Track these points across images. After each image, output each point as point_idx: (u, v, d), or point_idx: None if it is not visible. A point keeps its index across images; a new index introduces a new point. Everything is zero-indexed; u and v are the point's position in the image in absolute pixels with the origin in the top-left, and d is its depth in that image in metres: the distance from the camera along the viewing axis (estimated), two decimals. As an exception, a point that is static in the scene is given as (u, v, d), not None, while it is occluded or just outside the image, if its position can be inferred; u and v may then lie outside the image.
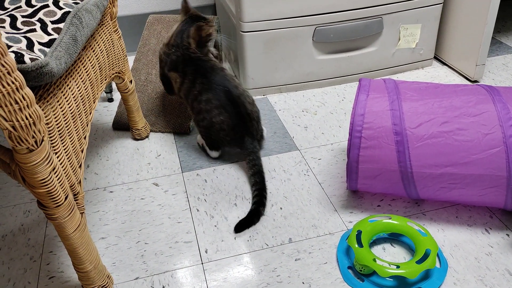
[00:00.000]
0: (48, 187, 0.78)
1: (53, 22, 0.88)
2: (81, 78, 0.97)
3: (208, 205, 1.22)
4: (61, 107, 0.85)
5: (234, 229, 1.13)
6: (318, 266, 1.03)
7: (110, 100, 1.73)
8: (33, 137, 0.73)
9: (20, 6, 0.91)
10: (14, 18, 0.87)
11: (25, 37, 0.81)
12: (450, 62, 1.84)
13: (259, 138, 1.35)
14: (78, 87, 0.94)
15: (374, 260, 0.96)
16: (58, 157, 0.82)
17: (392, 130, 1.05)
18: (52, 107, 0.82)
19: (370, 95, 1.10)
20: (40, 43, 0.81)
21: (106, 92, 1.72)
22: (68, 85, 0.90)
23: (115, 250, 1.10)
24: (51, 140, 0.80)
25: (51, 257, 1.10)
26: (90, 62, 1.03)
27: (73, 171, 0.87)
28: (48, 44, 0.82)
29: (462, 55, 1.75)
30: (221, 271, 1.03)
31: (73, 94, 0.91)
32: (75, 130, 0.91)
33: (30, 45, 0.79)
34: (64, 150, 0.85)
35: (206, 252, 1.08)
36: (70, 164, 0.86)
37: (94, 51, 1.07)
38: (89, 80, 1.01)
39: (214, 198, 1.24)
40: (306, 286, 0.99)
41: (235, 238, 1.12)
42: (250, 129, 1.29)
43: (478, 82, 1.73)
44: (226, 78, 1.30)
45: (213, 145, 1.36)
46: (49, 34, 0.84)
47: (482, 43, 1.63)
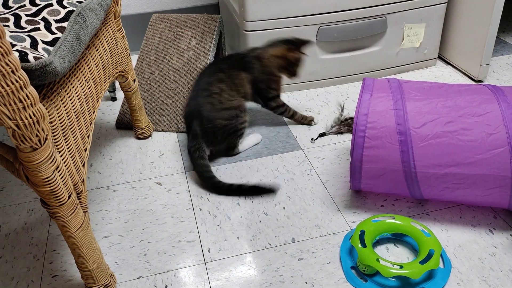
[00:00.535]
0: (51, 186, 0.78)
1: (57, 21, 0.88)
2: (84, 77, 0.97)
3: (211, 204, 1.22)
4: (64, 106, 0.85)
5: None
6: (321, 266, 1.03)
7: (114, 99, 1.73)
8: (36, 135, 0.73)
9: (24, 5, 0.91)
10: (18, 17, 0.87)
11: (29, 36, 0.81)
12: (454, 62, 1.83)
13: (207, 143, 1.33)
14: (81, 86, 0.95)
15: (378, 260, 0.96)
16: (61, 156, 0.82)
17: (395, 129, 1.04)
18: (55, 106, 0.82)
19: (374, 95, 1.09)
20: (44, 42, 0.81)
21: (109, 91, 1.72)
22: (71, 84, 0.90)
23: (118, 249, 1.10)
24: (55, 138, 0.80)
25: (54, 255, 1.10)
26: (94, 61, 1.03)
27: (76, 170, 0.87)
28: (52, 43, 0.82)
29: (467, 55, 1.75)
30: (224, 271, 1.03)
31: (76, 93, 0.92)
32: (79, 129, 0.92)
33: (34, 44, 0.79)
34: (67, 149, 0.85)
35: (209, 251, 1.08)
36: (73, 163, 0.87)
37: (97, 50, 1.07)
38: (92, 79, 1.01)
39: (217, 197, 1.24)
40: (309, 286, 0.99)
41: (238, 237, 1.12)
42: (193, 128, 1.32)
43: (482, 81, 1.73)
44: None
45: None
46: (53, 33, 0.85)
47: (486, 43, 1.63)
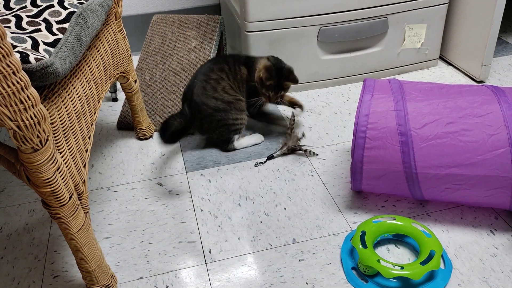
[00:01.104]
0: (52, 187, 0.78)
1: (58, 22, 0.88)
2: (85, 78, 0.97)
3: (212, 205, 1.22)
4: (65, 107, 0.86)
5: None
6: (322, 267, 1.03)
7: (115, 99, 1.73)
8: (37, 136, 0.73)
9: (25, 6, 0.91)
10: (19, 18, 0.87)
11: (30, 37, 0.81)
12: (455, 62, 1.83)
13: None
14: (82, 87, 0.95)
15: (378, 261, 0.96)
16: (62, 156, 0.82)
17: (396, 130, 1.04)
18: (56, 107, 0.82)
19: (375, 96, 1.09)
20: (45, 43, 0.81)
21: (110, 91, 1.72)
22: (72, 85, 0.90)
23: (119, 250, 1.10)
24: (56, 139, 0.81)
25: (56, 256, 1.10)
26: (95, 62, 1.04)
27: (77, 171, 0.88)
28: (53, 44, 0.82)
29: (468, 55, 1.74)
30: (224, 271, 1.04)
31: (77, 94, 0.92)
32: (80, 130, 0.92)
33: (35, 45, 0.79)
34: (68, 149, 0.85)
35: (210, 252, 1.08)
36: (74, 163, 0.87)
37: (98, 51, 1.07)
38: (93, 80, 1.02)
39: (218, 198, 1.24)
40: (310, 286, 0.99)
41: (239, 238, 1.12)
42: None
43: (483, 82, 1.73)
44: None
45: None
46: (54, 34, 0.85)
47: (488, 43, 1.63)
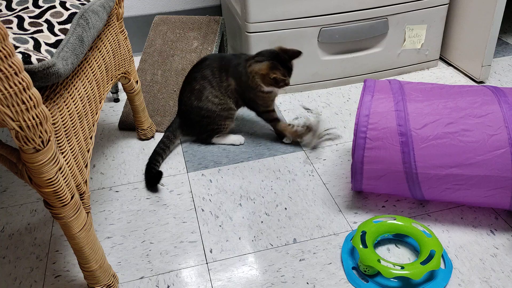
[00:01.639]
0: (54, 187, 0.79)
1: (60, 23, 0.89)
2: (87, 79, 0.97)
3: (213, 205, 1.22)
4: (67, 108, 0.86)
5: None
6: (323, 267, 1.03)
7: (116, 100, 1.74)
8: (39, 137, 0.73)
9: (27, 7, 0.92)
10: (21, 19, 0.87)
11: (32, 38, 0.81)
12: (455, 63, 1.83)
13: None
14: (84, 88, 0.95)
15: (379, 261, 0.96)
16: (64, 157, 0.82)
17: (397, 131, 1.04)
18: (58, 108, 0.83)
19: (375, 96, 1.10)
20: (47, 44, 0.81)
21: (112, 92, 1.73)
22: (74, 85, 0.91)
23: (121, 250, 1.11)
24: (58, 140, 0.81)
25: (57, 256, 1.10)
26: (97, 63, 1.04)
27: (79, 171, 0.88)
28: (55, 44, 0.83)
29: (468, 56, 1.75)
30: (225, 271, 1.04)
31: (79, 94, 0.92)
32: (81, 130, 0.92)
33: (37, 45, 0.80)
34: (70, 150, 0.85)
35: (211, 252, 1.09)
36: (76, 164, 0.87)
37: (100, 52, 1.07)
38: (95, 80, 1.02)
39: (219, 198, 1.25)
40: (311, 286, 0.99)
41: (240, 238, 1.12)
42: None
43: (483, 83, 1.73)
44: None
45: None
46: (56, 35, 0.85)
47: (488, 44, 1.63)
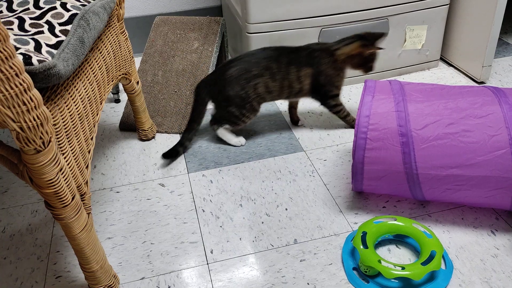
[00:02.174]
0: (55, 188, 0.79)
1: (60, 24, 0.89)
2: (88, 80, 0.98)
3: (213, 205, 1.22)
4: (68, 108, 0.86)
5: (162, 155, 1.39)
6: (323, 267, 1.03)
7: (117, 101, 1.74)
8: (40, 138, 0.73)
9: (28, 8, 0.92)
10: (22, 20, 0.88)
11: (33, 39, 0.82)
12: (456, 63, 1.83)
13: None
14: (85, 89, 0.95)
15: (379, 261, 0.96)
16: (65, 157, 0.83)
17: (397, 131, 1.04)
18: (59, 109, 0.83)
19: (376, 97, 1.10)
20: (47, 45, 0.82)
21: (113, 93, 1.73)
22: (75, 86, 0.91)
23: (121, 250, 1.11)
24: (58, 141, 0.81)
25: (58, 256, 1.10)
26: (97, 64, 1.04)
27: (80, 172, 0.88)
28: (55, 46, 0.83)
29: (469, 56, 1.75)
30: (226, 272, 1.04)
31: (80, 95, 0.92)
32: (82, 131, 0.92)
33: (37, 47, 0.80)
34: (71, 151, 0.86)
35: (212, 252, 1.09)
36: (77, 164, 0.87)
37: (101, 53, 1.08)
38: (96, 81, 1.02)
39: (220, 198, 1.25)
40: (311, 287, 0.99)
41: (241, 238, 1.12)
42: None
43: (484, 83, 1.73)
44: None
45: None
46: (56, 36, 0.85)
47: (488, 44, 1.63)
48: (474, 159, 1.01)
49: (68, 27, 0.89)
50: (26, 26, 0.86)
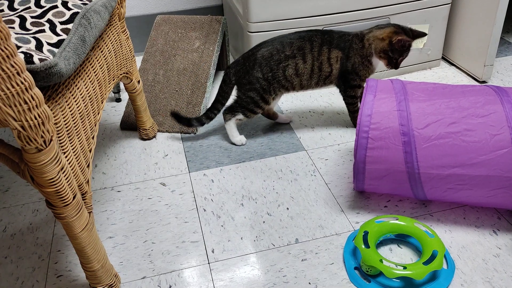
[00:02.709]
0: (56, 187, 0.79)
1: (61, 23, 0.89)
2: (89, 79, 0.97)
3: (214, 205, 1.22)
4: (69, 107, 0.86)
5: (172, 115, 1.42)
6: (325, 267, 1.03)
7: (118, 100, 1.74)
8: (41, 137, 0.73)
9: (29, 7, 0.92)
10: (23, 19, 0.87)
11: (34, 37, 0.82)
12: (458, 63, 1.83)
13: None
14: (86, 87, 0.95)
15: (381, 261, 0.96)
16: (66, 156, 0.82)
17: (399, 130, 1.04)
18: (60, 107, 0.83)
19: (377, 96, 1.10)
20: (49, 44, 0.82)
21: (114, 92, 1.73)
22: (76, 85, 0.91)
23: (123, 249, 1.11)
24: (60, 140, 0.81)
25: (59, 256, 1.10)
26: (98, 63, 1.04)
27: (81, 171, 0.88)
28: (57, 44, 0.83)
29: (470, 56, 1.74)
30: (227, 271, 1.04)
31: (81, 94, 0.92)
32: (83, 130, 0.92)
33: (39, 45, 0.80)
34: (72, 149, 0.85)
35: (213, 252, 1.09)
36: (78, 163, 0.87)
37: (102, 52, 1.07)
38: (97, 80, 1.02)
39: (221, 198, 1.25)
40: (313, 286, 0.99)
41: (242, 238, 1.12)
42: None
43: (486, 82, 1.72)
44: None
45: None
46: (58, 35, 0.85)
47: (490, 44, 1.62)
48: (476, 159, 1.00)
49: (69, 26, 0.89)
50: (27, 25, 0.86)
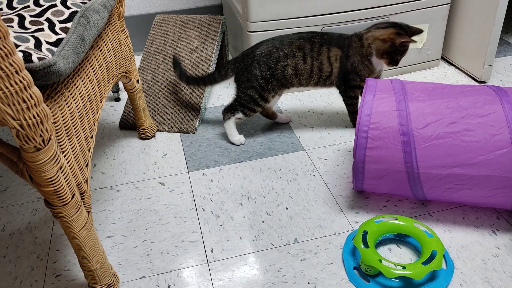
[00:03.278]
0: (55, 186, 0.79)
1: (60, 22, 0.89)
2: (88, 78, 0.97)
3: (214, 204, 1.22)
4: (68, 106, 0.86)
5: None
6: (324, 267, 1.03)
7: (117, 99, 1.74)
8: (40, 136, 0.73)
9: (28, 6, 0.92)
10: (22, 18, 0.87)
11: (33, 36, 0.81)
12: (457, 63, 1.83)
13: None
14: (85, 87, 0.95)
15: (380, 260, 0.96)
16: (65, 156, 0.82)
17: (398, 130, 1.04)
18: (59, 106, 0.82)
19: (377, 95, 1.09)
20: (48, 43, 0.81)
21: (113, 91, 1.73)
22: (75, 84, 0.91)
23: (121, 249, 1.10)
24: (58, 139, 0.81)
25: (58, 255, 1.10)
26: (97, 62, 1.04)
27: (80, 170, 0.88)
28: (55, 43, 0.82)
29: (470, 56, 1.74)
30: (226, 271, 1.04)
31: (80, 93, 0.92)
32: (82, 129, 0.92)
33: (38, 44, 0.79)
34: (71, 149, 0.85)
35: (212, 251, 1.09)
36: (77, 163, 0.87)
37: (101, 51, 1.07)
38: (96, 79, 1.02)
39: (220, 197, 1.24)
40: (312, 286, 0.99)
41: (241, 238, 1.12)
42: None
43: (485, 83, 1.73)
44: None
45: None
46: (56, 34, 0.85)
47: (490, 44, 1.62)
48: (475, 159, 1.00)
49: (68, 25, 0.89)
50: (26, 24, 0.86)
